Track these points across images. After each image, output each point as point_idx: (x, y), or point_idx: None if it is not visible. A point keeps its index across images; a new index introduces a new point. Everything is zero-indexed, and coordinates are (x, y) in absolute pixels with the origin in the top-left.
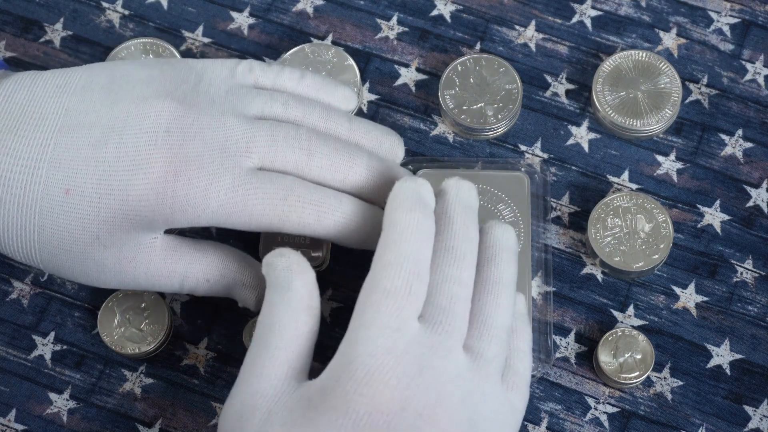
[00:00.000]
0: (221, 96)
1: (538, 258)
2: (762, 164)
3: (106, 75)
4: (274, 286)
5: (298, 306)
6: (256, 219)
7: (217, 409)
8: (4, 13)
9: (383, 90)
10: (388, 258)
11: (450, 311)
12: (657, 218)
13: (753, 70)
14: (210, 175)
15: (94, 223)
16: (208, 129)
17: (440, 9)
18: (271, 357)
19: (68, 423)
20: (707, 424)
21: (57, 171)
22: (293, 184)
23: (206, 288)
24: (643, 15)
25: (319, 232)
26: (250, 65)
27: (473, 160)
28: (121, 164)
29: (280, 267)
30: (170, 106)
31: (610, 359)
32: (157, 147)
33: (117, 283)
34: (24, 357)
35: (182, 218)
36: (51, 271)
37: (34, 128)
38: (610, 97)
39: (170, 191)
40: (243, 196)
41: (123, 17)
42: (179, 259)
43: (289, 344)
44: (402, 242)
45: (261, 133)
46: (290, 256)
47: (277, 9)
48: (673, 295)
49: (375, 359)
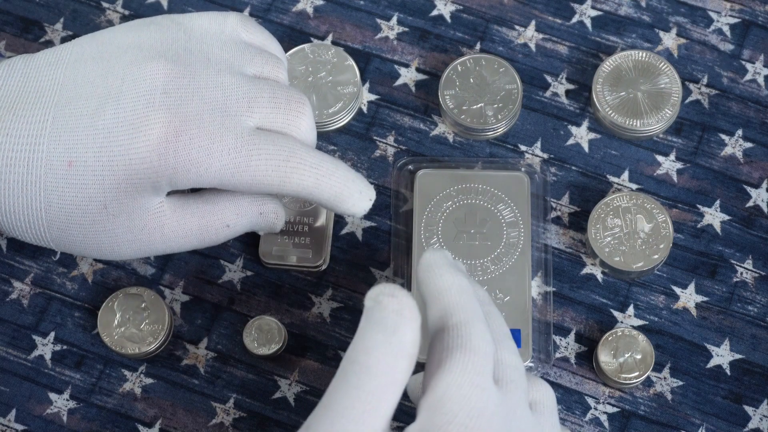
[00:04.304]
0: (215, 53)
1: (538, 258)
2: (762, 164)
3: (96, 45)
4: (378, 325)
5: (401, 352)
6: (258, 180)
7: (218, 409)
8: (4, 13)
9: (383, 90)
10: (457, 319)
11: (516, 367)
12: (657, 218)
13: (753, 70)
14: (211, 135)
15: (99, 192)
16: (205, 88)
17: (440, 9)
18: (362, 400)
19: (68, 423)
20: (707, 424)
21: (58, 145)
22: (295, 145)
23: (228, 233)
24: (643, 15)
25: (315, 195)
26: (241, 19)
27: (473, 160)
28: (120, 129)
29: (390, 308)
30: (164, 67)
31: (610, 359)
32: (155, 108)
33: (132, 253)
34: (24, 357)
35: (185, 178)
36: (63, 249)
37: (32, 106)
38: (610, 97)
39: (172, 151)
40: (246, 156)
41: (123, 17)
42: (192, 215)
43: (383, 391)
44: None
45: (263, 94)
46: (402, 298)
47: (277, 9)
48: (673, 295)
49: (473, 422)
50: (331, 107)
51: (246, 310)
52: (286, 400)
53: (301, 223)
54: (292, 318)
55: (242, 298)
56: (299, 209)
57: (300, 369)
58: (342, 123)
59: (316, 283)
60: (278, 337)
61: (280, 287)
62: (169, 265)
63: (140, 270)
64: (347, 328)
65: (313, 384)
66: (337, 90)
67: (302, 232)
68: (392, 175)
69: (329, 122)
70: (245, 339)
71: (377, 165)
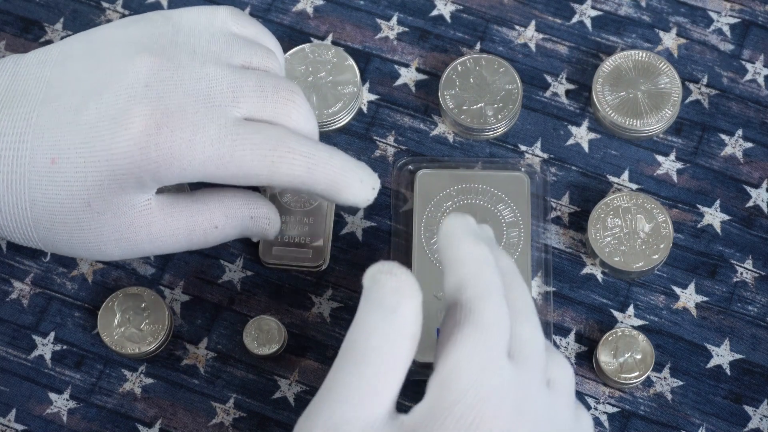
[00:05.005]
0: (202, 46)
1: (538, 258)
2: (762, 164)
3: (86, 42)
4: (377, 305)
5: (402, 332)
6: (244, 171)
7: (218, 409)
8: (4, 13)
9: (383, 90)
10: (472, 293)
11: (534, 342)
12: (657, 218)
13: (753, 70)
14: (194, 126)
15: (82, 189)
16: (189, 80)
17: (440, 9)
18: (364, 384)
19: (68, 423)
20: (707, 424)
21: (41, 141)
22: (283, 134)
23: (216, 235)
24: (643, 15)
25: (309, 185)
26: (231, 12)
27: (473, 160)
28: (102, 124)
29: (388, 287)
30: (148, 61)
31: (610, 359)
32: (137, 101)
33: (120, 253)
34: (24, 357)
35: (169, 172)
36: (51, 249)
37: (18, 104)
38: (610, 97)
39: (153, 144)
40: (230, 147)
41: (123, 17)
42: (179, 214)
43: (386, 373)
44: (482, 276)
45: (249, 83)
46: (400, 275)
47: (277, 9)
48: (673, 295)
49: (483, 400)
50: (331, 107)
51: (246, 310)
52: (286, 400)
53: (301, 223)
54: (292, 318)
55: (242, 298)
56: (301, 208)
57: (300, 369)
58: (342, 123)
59: (316, 283)
60: (278, 337)
61: (280, 287)
62: (169, 265)
63: (140, 270)
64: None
65: (313, 384)
66: (337, 90)
67: (302, 232)
68: (392, 175)
69: (329, 122)
70: (245, 339)
71: (377, 165)
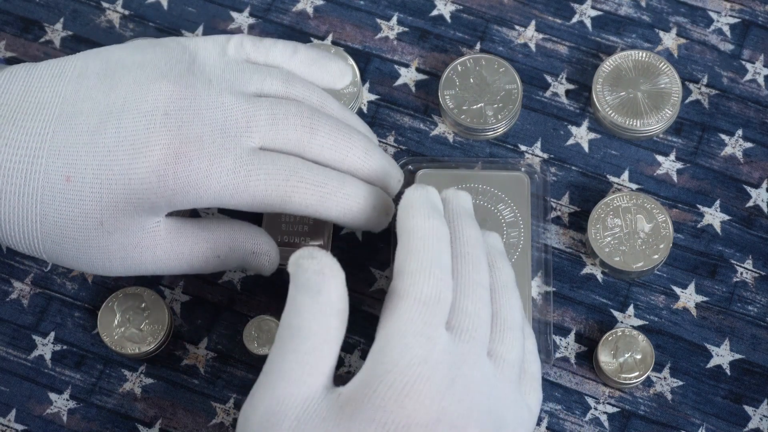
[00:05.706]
0: (217, 75)
1: (538, 258)
2: (762, 164)
3: (101, 61)
4: (303, 288)
5: (329, 310)
6: (258, 200)
7: (218, 409)
8: (4, 13)
9: (383, 90)
10: (414, 266)
11: (476, 317)
12: (657, 218)
13: (753, 70)
14: (211, 156)
15: (96, 209)
16: (206, 109)
17: (440, 9)
18: (300, 362)
19: (68, 423)
20: (707, 424)
21: (57, 159)
22: (296, 164)
23: (217, 264)
24: (643, 15)
25: (322, 213)
26: (241, 40)
27: (473, 160)
28: (120, 149)
29: (310, 270)
30: (167, 88)
31: (610, 359)
32: (156, 130)
33: (123, 270)
34: (24, 357)
35: (184, 200)
36: (55, 261)
37: (32, 118)
38: (610, 97)
39: (171, 173)
40: (245, 176)
41: (123, 17)
42: (185, 240)
43: (319, 349)
44: (425, 249)
45: (261, 112)
46: (321, 258)
47: (277, 9)
48: (673, 295)
49: (412, 369)
50: None
51: (246, 310)
52: None
53: (301, 223)
54: None
55: (242, 298)
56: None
57: None
58: None
59: None
60: None
61: (280, 287)
62: None
63: None
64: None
65: None
66: (338, 90)
67: (302, 232)
68: None
69: None
70: (245, 339)
71: None
